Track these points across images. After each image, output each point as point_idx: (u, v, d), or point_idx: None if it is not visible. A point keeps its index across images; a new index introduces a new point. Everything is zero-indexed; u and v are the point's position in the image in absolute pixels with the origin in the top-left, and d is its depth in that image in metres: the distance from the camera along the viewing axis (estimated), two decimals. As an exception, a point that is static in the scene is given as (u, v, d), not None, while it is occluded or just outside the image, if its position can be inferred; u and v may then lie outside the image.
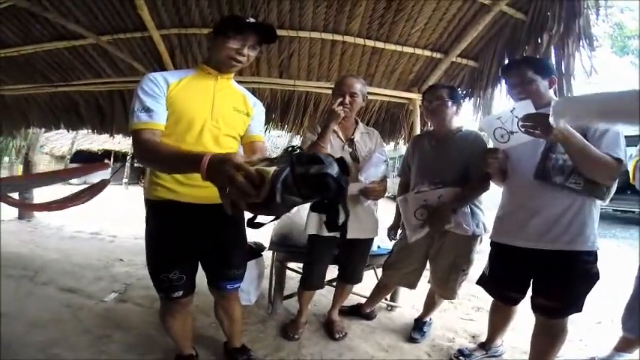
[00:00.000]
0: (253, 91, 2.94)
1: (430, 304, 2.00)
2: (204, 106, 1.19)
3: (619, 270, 2.75)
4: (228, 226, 1.30)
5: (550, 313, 1.37)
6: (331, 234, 1.68)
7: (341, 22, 2.45)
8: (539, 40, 2.21)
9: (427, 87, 1.88)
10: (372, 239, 1.86)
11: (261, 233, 2.36)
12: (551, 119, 0.80)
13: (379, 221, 1.84)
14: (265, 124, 3.27)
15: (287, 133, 3.60)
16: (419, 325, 2.01)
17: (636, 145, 1.47)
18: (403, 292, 2.34)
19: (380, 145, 1.84)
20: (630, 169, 1.36)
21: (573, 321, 1.38)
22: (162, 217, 1.24)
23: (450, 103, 1.71)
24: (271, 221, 0.76)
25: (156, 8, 2.33)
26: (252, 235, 2.67)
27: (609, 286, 1.34)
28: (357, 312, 2.21)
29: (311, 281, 1.84)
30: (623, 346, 1.66)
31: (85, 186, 3.13)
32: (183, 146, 1.11)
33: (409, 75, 2.91)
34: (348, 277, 1.91)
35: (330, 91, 2.18)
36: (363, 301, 2.24)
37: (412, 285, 1.89)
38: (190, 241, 1.25)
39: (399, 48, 2.63)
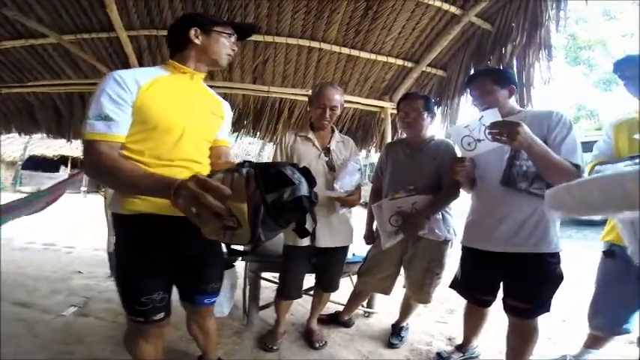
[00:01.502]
0: (225, 97, 2.90)
1: (406, 309, 2.03)
2: (183, 110, 1.09)
3: (576, 269, 2.94)
4: (207, 239, 1.23)
5: (521, 313, 1.43)
6: (306, 244, 1.68)
7: (319, 28, 2.47)
8: (504, 51, 2.34)
9: (402, 96, 1.90)
10: (347, 247, 1.86)
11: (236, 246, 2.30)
12: (545, 209, 0.79)
13: (354, 229, 1.85)
14: (237, 131, 3.22)
15: (259, 140, 3.53)
16: (397, 331, 2.03)
17: (591, 151, 1.57)
18: (379, 298, 2.36)
19: (355, 153, 1.85)
20: (586, 174, 1.45)
21: (541, 320, 1.44)
22: (141, 232, 1.08)
23: (425, 115, 1.75)
24: (252, 249, 0.80)
25: (126, 8, 2.23)
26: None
27: (569, 285, 1.42)
28: (336, 320, 2.20)
29: (288, 291, 1.81)
30: (592, 342, 1.74)
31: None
32: (160, 154, 1.04)
33: (382, 83, 2.97)
34: (326, 286, 1.89)
35: (305, 98, 2.17)
36: (340, 308, 2.24)
37: (387, 290, 1.91)
38: (169, 256, 1.14)
39: (373, 56, 2.68)
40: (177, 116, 1.07)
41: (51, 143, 11.58)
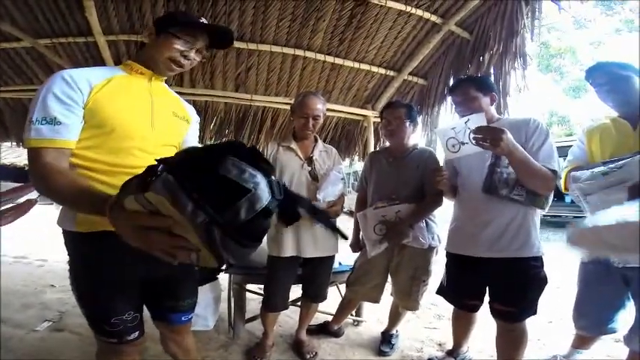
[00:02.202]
0: (206, 105, 2.87)
1: (395, 317, 2.02)
2: (142, 112, 0.99)
3: (557, 270, 3.03)
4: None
5: (508, 317, 1.45)
6: (291, 254, 1.65)
7: (304, 36, 2.47)
8: (482, 59, 2.41)
9: (385, 105, 1.92)
10: (333, 257, 1.85)
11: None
12: (568, 245, 0.80)
13: (339, 238, 1.84)
14: (218, 140, 3.16)
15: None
16: (386, 338, 2.03)
17: (565, 156, 1.61)
18: (368, 306, 2.35)
19: (338, 162, 1.84)
20: (562, 178, 1.49)
21: (529, 322, 1.46)
22: (101, 252, 0.96)
23: (408, 123, 1.77)
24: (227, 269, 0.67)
25: (106, 12, 2.17)
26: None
27: (552, 286, 1.45)
28: (325, 330, 2.18)
29: (274, 303, 1.77)
30: (579, 343, 1.78)
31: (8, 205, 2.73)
32: (118, 162, 0.94)
33: (364, 92, 3.00)
34: (313, 296, 1.87)
35: (288, 107, 2.16)
36: (329, 318, 2.21)
37: (376, 299, 1.90)
38: (137, 273, 1.05)
39: (356, 65, 2.71)
40: (135, 120, 0.97)
41: (22, 152, 11.04)
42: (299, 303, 2.02)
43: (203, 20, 1.04)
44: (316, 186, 1.67)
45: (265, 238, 1.68)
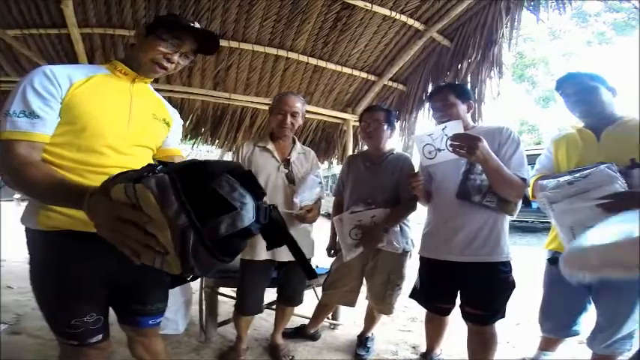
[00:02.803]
0: (182, 102, 2.79)
1: (370, 320, 2.03)
2: (119, 112, 0.99)
3: (523, 273, 3.13)
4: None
5: (478, 320, 1.48)
6: (265, 257, 1.61)
7: (288, 37, 2.45)
8: (460, 67, 2.47)
9: (365, 108, 1.95)
10: (309, 260, 1.83)
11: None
12: (561, 267, 0.79)
13: (315, 241, 1.83)
14: (194, 138, 3.08)
15: (218, 149, 3.43)
16: (362, 342, 2.03)
17: (534, 165, 1.66)
18: (344, 309, 2.35)
19: (316, 165, 1.83)
20: (530, 186, 1.54)
21: (498, 325, 1.50)
22: (63, 250, 0.95)
23: (386, 127, 1.79)
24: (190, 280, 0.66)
25: (83, 4, 2.07)
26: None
27: (518, 289, 1.50)
28: (302, 333, 2.16)
29: (247, 306, 1.74)
30: (546, 345, 1.83)
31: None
32: (88, 161, 0.92)
33: (345, 95, 3.02)
34: (289, 300, 1.85)
35: (268, 107, 2.14)
36: (306, 322, 2.20)
37: (352, 303, 1.91)
38: (101, 274, 1.02)
39: (339, 68, 2.71)
40: (111, 118, 0.96)
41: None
42: (274, 306, 1.99)
43: (196, 25, 1.03)
44: (293, 189, 1.65)
45: None
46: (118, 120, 0.98)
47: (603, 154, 1.35)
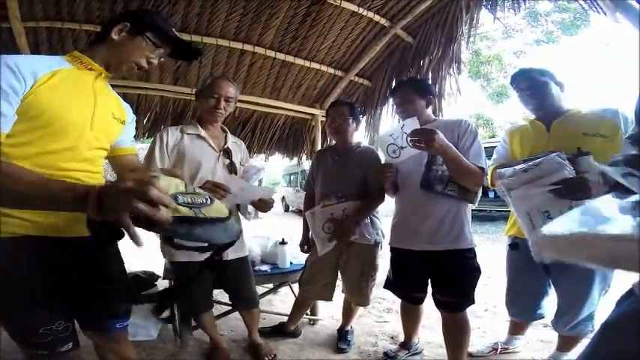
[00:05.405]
0: (139, 98, 2.64)
1: (348, 313, 2.06)
2: (83, 111, 0.95)
3: (485, 260, 3.32)
4: (104, 258, 1.07)
5: (450, 307, 1.54)
6: (201, 258, 1.53)
7: (254, 32, 2.38)
8: (422, 63, 2.54)
9: (330, 104, 1.97)
10: (247, 257, 1.78)
11: (155, 262, 2.06)
12: (534, 250, 0.82)
13: (289, 237, 1.82)
14: (152, 136, 2.90)
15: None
16: (343, 335, 2.06)
17: (491, 156, 1.74)
18: (322, 304, 2.36)
19: (247, 156, 1.80)
20: (489, 175, 1.63)
21: (468, 312, 1.56)
22: (23, 258, 0.91)
23: (351, 121, 1.82)
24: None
25: None
26: (142, 264, 2.33)
27: (482, 275, 1.58)
28: (282, 331, 2.14)
29: (197, 306, 1.71)
30: (515, 329, 1.92)
31: None
32: (48, 161, 0.86)
33: (313, 91, 3.00)
34: (245, 303, 1.81)
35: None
36: (285, 319, 2.19)
37: (328, 297, 1.93)
38: (64, 281, 0.98)
39: (307, 63, 2.69)
40: (75, 118, 0.92)
41: None
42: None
43: (191, 42, 1.01)
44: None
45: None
46: (82, 121, 0.94)
47: (553, 144, 1.47)
